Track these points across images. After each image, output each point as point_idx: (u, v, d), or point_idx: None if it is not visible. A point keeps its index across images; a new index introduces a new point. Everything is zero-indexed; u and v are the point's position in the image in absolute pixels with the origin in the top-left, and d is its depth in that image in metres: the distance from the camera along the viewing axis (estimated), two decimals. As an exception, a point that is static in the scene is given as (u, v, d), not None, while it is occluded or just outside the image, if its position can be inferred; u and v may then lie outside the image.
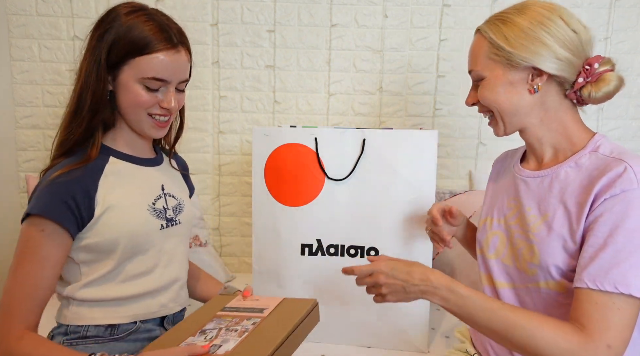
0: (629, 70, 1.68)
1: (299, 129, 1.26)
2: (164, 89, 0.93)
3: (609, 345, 0.74)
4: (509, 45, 0.88)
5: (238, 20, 1.69)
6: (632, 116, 1.70)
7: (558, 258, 0.85)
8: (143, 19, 0.90)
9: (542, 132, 0.93)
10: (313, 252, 1.27)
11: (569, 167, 0.89)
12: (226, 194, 1.79)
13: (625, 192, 0.78)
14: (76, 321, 0.94)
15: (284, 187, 1.27)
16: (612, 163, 0.83)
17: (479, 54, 0.93)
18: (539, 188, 0.93)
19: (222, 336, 0.89)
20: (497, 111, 0.94)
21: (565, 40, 0.87)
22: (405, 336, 1.25)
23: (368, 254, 1.25)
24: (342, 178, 1.24)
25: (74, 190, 0.88)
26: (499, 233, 0.99)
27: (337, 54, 1.70)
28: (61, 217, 0.86)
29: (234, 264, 1.84)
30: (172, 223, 1.02)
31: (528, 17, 0.88)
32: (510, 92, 0.91)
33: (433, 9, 1.66)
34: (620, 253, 0.77)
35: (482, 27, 0.94)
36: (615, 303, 0.75)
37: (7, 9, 1.68)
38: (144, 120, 0.95)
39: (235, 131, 1.76)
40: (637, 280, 0.75)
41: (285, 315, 0.92)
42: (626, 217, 0.77)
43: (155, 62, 0.90)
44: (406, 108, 1.73)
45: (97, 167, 0.93)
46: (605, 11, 1.65)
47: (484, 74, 0.92)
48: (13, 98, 1.73)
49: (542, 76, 0.88)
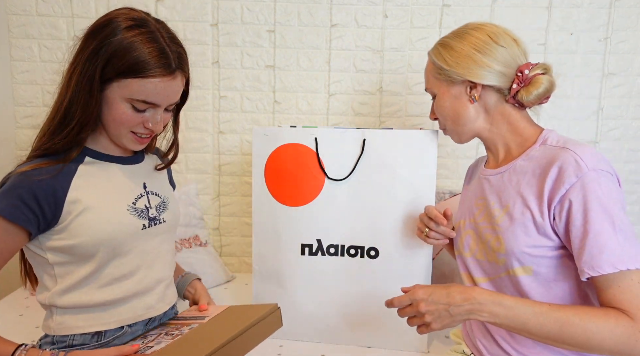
0: (629, 70, 1.68)
1: (299, 129, 1.26)
2: (151, 111, 0.91)
3: None
4: (447, 65, 1.03)
5: (238, 20, 1.69)
6: (632, 116, 1.70)
7: (522, 243, 0.92)
8: (145, 38, 0.85)
9: (493, 134, 1.05)
10: (313, 252, 1.27)
11: (522, 160, 0.98)
12: (226, 194, 1.80)
13: (580, 177, 0.86)
14: (61, 332, 0.92)
15: (284, 187, 1.27)
16: (559, 152, 0.91)
17: (429, 74, 1.09)
18: (499, 183, 1.02)
19: (157, 340, 0.91)
20: (449, 122, 1.08)
21: (493, 56, 0.99)
22: (405, 337, 1.25)
23: (368, 254, 1.25)
24: (342, 179, 1.24)
25: (37, 189, 0.85)
26: (470, 232, 1.07)
27: (337, 54, 1.70)
28: (16, 216, 0.84)
29: (234, 264, 1.84)
30: (155, 222, 0.99)
31: (463, 41, 1.02)
32: (455, 104, 1.04)
33: (433, 9, 1.66)
34: (600, 235, 0.82)
35: (429, 52, 1.09)
36: (634, 279, 0.80)
37: (7, 9, 1.68)
38: (125, 136, 0.92)
39: (235, 131, 1.76)
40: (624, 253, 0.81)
41: (229, 321, 0.91)
42: (590, 200, 0.84)
43: (148, 86, 0.86)
44: (406, 108, 1.73)
45: (70, 167, 0.90)
46: (605, 11, 1.65)
47: (435, 91, 1.08)
48: (13, 98, 1.73)
49: (477, 87, 1.01)
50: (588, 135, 1.72)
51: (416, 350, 1.26)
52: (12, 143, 1.75)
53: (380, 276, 1.25)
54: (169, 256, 1.06)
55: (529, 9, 1.65)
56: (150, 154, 1.09)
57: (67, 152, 0.90)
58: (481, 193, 1.06)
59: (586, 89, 1.69)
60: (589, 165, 0.86)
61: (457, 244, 1.11)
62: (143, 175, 1.02)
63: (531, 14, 1.65)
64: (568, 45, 1.67)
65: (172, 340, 0.89)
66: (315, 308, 1.29)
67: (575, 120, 1.71)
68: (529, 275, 0.93)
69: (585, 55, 1.68)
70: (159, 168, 1.07)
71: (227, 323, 0.90)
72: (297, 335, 1.31)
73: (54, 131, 0.89)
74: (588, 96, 1.70)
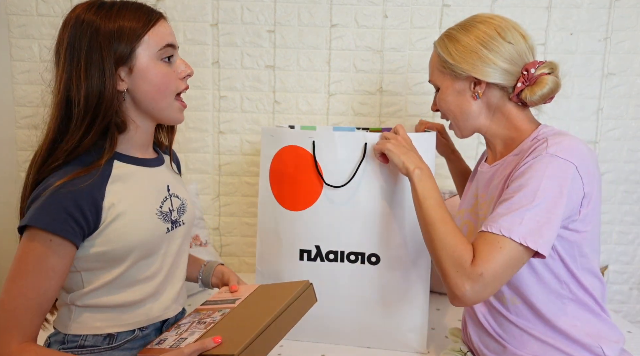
0: (629, 70, 1.68)
1: (297, 131, 1.24)
2: (174, 57, 0.93)
3: (482, 273, 0.86)
4: (452, 59, 1.01)
5: (238, 20, 1.69)
6: (632, 116, 1.70)
7: None
8: (119, 3, 0.89)
9: (493, 130, 1.05)
10: (312, 258, 1.25)
11: (512, 155, 1.01)
12: (226, 194, 1.80)
13: (535, 158, 0.90)
14: (77, 331, 0.91)
15: (285, 190, 1.25)
16: (540, 142, 0.94)
17: (433, 66, 1.08)
18: (490, 177, 1.05)
19: (190, 330, 0.89)
20: (451, 116, 1.08)
21: (499, 52, 0.98)
22: (405, 337, 1.25)
23: (369, 260, 1.23)
24: (341, 185, 1.20)
25: (81, 199, 0.82)
26: (467, 221, 1.11)
27: (337, 54, 1.70)
28: (66, 231, 0.81)
29: (234, 264, 1.84)
30: (176, 224, 1.00)
31: (469, 34, 1.01)
32: (459, 99, 1.04)
33: (433, 9, 1.66)
34: (513, 205, 0.88)
35: (435, 42, 1.07)
36: (499, 243, 0.86)
37: (7, 9, 1.68)
38: (171, 105, 0.93)
39: (236, 131, 1.76)
40: (519, 228, 0.85)
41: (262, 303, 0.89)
42: (529, 176, 0.89)
43: (161, 29, 0.90)
44: (406, 108, 1.73)
45: (103, 173, 0.88)
46: (605, 11, 1.65)
47: (438, 84, 1.07)
48: (13, 98, 1.73)
49: (481, 84, 1.00)
50: (588, 135, 1.72)
51: (416, 350, 1.25)
52: (12, 143, 1.75)
53: (381, 282, 1.22)
54: (185, 257, 1.06)
55: (528, 9, 1.65)
56: (164, 153, 1.08)
57: (98, 154, 0.88)
58: (478, 187, 1.10)
59: (586, 89, 1.69)
60: (550, 150, 0.89)
61: None
62: (166, 177, 1.01)
63: (531, 14, 1.65)
64: (568, 45, 1.67)
65: (205, 330, 0.86)
66: (316, 310, 1.28)
67: (575, 120, 1.71)
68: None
69: (585, 55, 1.67)
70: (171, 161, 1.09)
71: (260, 305, 0.88)
72: (297, 335, 1.31)
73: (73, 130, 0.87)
74: (588, 96, 1.70)
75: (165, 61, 0.91)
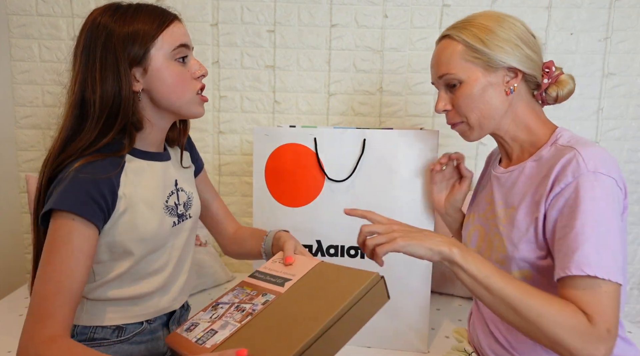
0: (629, 70, 1.68)
1: (298, 129, 1.26)
2: (189, 57, 0.94)
3: (609, 329, 0.74)
4: (486, 46, 0.90)
5: (238, 20, 1.69)
6: (632, 116, 1.70)
7: (523, 248, 0.89)
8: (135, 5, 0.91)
9: (514, 132, 0.96)
10: (313, 253, 1.27)
11: (532, 161, 0.93)
12: (226, 194, 1.79)
13: (576, 177, 0.82)
14: (89, 322, 0.93)
15: (284, 188, 1.27)
16: (564, 150, 0.86)
17: (453, 57, 0.93)
18: (507, 183, 0.97)
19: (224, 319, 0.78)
20: (474, 115, 0.94)
21: (529, 42, 0.92)
22: (405, 337, 1.25)
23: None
24: (343, 180, 1.24)
25: (101, 183, 0.84)
26: (479, 227, 1.03)
27: (337, 54, 1.70)
28: (89, 212, 0.82)
29: (234, 264, 1.84)
30: (182, 218, 1.01)
31: (500, 25, 0.91)
32: (488, 94, 0.92)
33: (433, 9, 1.66)
34: (578, 236, 0.78)
35: (451, 32, 0.95)
36: (601, 287, 0.76)
37: (7, 9, 1.68)
38: (193, 100, 0.94)
39: (235, 131, 1.76)
40: (599, 260, 0.76)
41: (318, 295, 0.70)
42: (580, 202, 0.80)
43: (174, 30, 0.91)
44: (406, 108, 1.73)
45: (117, 162, 0.89)
46: (605, 11, 1.65)
47: (462, 78, 0.92)
48: (13, 98, 1.73)
49: (517, 76, 0.92)
50: (588, 135, 1.72)
51: (416, 350, 1.26)
52: (12, 143, 1.75)
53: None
54: (191, 249, 1.07)
55: (529, 9, 1.65)
56: (175, 147, 1.09)
57: (118, 147, 0.90)
58: (490, 191, 1.03)
59: (586, 89, 1.69)
60: (589, 166, 0.82)
61: (464, 237, 1.09)
62: (174, 171, 1.03)
63: (531, 14, 1.65)
64: (568, 45, 1.67)
65: (240, 324, 0.73)
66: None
67: (575, 120, 1.71)
68: (530, 279, 0.91)
69: (585, 55, 1.68)
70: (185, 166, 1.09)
71: (316, 297, 0.71)
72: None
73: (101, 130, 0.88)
74: (588, 96, 1.70)
75: (179, 61, 0.92)
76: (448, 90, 0.97)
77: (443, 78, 0.95)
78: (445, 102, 0.97)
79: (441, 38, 0.98)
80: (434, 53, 0.99)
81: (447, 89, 0.97)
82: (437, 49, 0.98)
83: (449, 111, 0.98)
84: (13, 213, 1.76)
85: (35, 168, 1.75)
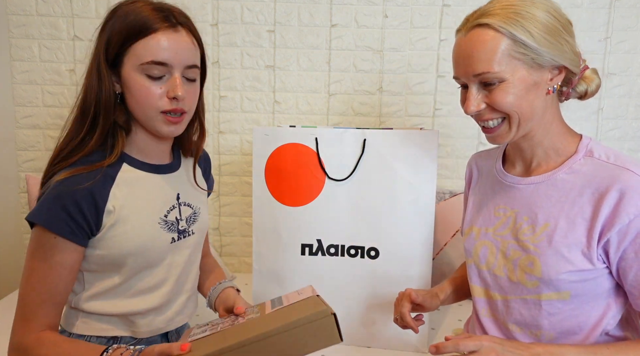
0: (629, 70, 1.68)
1: (299, 129, 1.26)
2: (167, 76, 0.85)
3: None
4: (535, 42, 0.76)
5: (238, 20, 1.69)
6: (632, 116, 1.70)
7: (562, 269, 0.80)
8: (140, 4, 0.84)
9: (541, 136, 0.86)
10: (313, 252, 1.27)
11: (564, 173, 0.84)
12: (226, 194, 1.80)
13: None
14: (83, 331, 0.92)
15: (284, 187, 1.27)
16: (618, 172, 0.78)
17: (495, 52, 0.77)
18: (533, 195, 0.87)
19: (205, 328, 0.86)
20: (517, 117, 0.81)
21: (571, 33, 0.81)
22: (405, 337, 1.25)
23: (368, 254, 1.25)
24: (343, 179, 1.24)
25: (80, 199, 0.81)
26: (487, 243, 0.92)
27: (337, 54, 1.70)
28: (66, 231, 0.81)
29: (234, 264, 1.84)
30: (184, 235, 0.97)
31: (543, 9, 0.78)
32: (531, 94, 0.80)
33: (433, 9, 1.66)
34: None
35: (493, 22, 0.78)
36: None
37: (7, 9, 1.68)
38: (155, 118, 0.86)
39: (235, 131, 1.76)
40: None
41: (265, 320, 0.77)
42: None
43: (151, 43, 0.81)
44: (406, 108, 1.73)
45: (109, 175, 0.86)
46: (605, 11, 1.65)
47: (505, 76, 0.78)
48: (13, 98, 1.73)
49: (561, 73, 0.81)
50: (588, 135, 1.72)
51: (416, 350, 1.26)
52: (12, 143, 1.75)
53: (380, 276, 1.24)
54: (195, 268, 1.03)
55: (529, 9, 1.65)
56: (189, 158, 1.04)
57: (102, 154, 0.87)
58: (505, 203, 0.91)
59: (586, 89, 1.69)
60: None
61: (469, 253, 0.97)
62: (178, 184, 0.98)
63: (531, 14, 1.65)
64: (568, 45, 1.67)
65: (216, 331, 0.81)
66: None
67: (575, 120, 1.71)
68: (564, 300, 0.83)
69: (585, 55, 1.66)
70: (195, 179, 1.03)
71: (271, 319, 0.77)
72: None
73: (78, 129, 0.86)
74: (588, 96, 1.70)
75: (149, 76, 0.84)
76: (482, 88, 0.82)
77: (480, 76, 0.80)
78: (478, 101, 0.83)
79: (474, 26, 0.80)
80: (464, 45, 0.82)
81: (480, 87, 0.82)
82: (471, 40, 0.80)
83: (484, 109, 0.84)
84: (13, 213, 1.76)
85: (35, 168, 1.75)
